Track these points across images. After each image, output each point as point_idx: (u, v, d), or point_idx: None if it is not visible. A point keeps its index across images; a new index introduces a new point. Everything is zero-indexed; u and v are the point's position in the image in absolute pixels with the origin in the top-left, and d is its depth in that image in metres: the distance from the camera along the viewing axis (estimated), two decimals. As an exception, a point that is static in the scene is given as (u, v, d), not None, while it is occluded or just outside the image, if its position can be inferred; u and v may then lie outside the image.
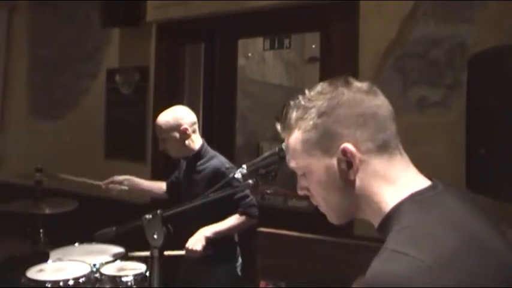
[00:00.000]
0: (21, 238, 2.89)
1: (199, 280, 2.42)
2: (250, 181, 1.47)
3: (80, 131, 4.17)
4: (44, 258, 2.45)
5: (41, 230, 2.89)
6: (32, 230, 2.88)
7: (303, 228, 2.71)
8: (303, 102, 0.97)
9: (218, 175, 2.32)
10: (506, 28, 2.38)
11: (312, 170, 0.97)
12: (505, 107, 1.86)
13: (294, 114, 0.98)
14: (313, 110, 0.95)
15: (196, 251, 2.24)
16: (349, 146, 0.91)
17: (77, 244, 2.69)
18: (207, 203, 1.59)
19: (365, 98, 0.94)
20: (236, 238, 2.54)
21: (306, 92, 0.98)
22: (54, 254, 2.54)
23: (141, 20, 3.71)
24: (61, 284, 2.21)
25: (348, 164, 0.92)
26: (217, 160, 2.46)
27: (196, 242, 2.26)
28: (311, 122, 0.95)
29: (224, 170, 2.37)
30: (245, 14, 3.33)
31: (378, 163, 0.92)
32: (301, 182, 1.02)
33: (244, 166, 1.49)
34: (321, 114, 0.94)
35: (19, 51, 4.66)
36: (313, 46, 4.66)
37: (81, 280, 2.25)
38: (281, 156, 1.43)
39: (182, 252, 2.27)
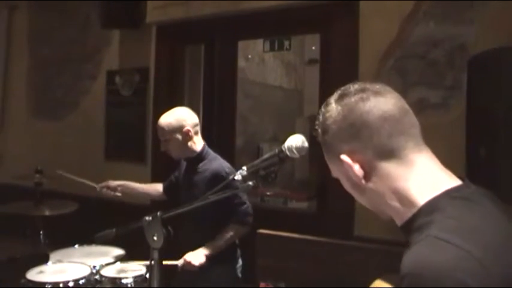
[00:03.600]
0: (21, 240, 2.89)
1: (199, 282, 2.41)
2: (250, 183, 1.46)
3: (80, 133, 4.17)
4: (44, 260, 2.44)
5: (41, 232, 2.89)
6: (32, 231, 2.88)
7: (302, 230, 2.71)
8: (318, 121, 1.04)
9: (218, 178, 2.31)
10: (506, 29, 2.38)
11: (338, 175, 1.02)
12: (504, 108, 1.86)
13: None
14: (320, 130, 1.02)
15: (193, 266, 2.29)
16: (344, 157, 0.95)
17: (77, 246, 2.69)
18: (206, 204, 1.59)
19: (354, 107, 0.95)
20: (236, 240, 2.54)
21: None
22: (54, 256, 2.53)
23: (141, 22, 3.71)
24: (61, 285, 2.21)
25: (353, 173, 0.94)
26: (218, 163, 2.46)
27: (196, 258, 2.31)
28: (321, 139, 1.02)
29: (224, 174, 2.36)
30: (245, 16, 3.33)
31: (388, 167, 0.92)
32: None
33: (244, 168, 1.49)
34: (323, 133, 1.00)
35: (19, 51, 4.65)
36: (313, 48, 4.65)
37: (81, 282, 2.25)
38: (281, 158, 1.43)
39: (179, 262, 2.31)
